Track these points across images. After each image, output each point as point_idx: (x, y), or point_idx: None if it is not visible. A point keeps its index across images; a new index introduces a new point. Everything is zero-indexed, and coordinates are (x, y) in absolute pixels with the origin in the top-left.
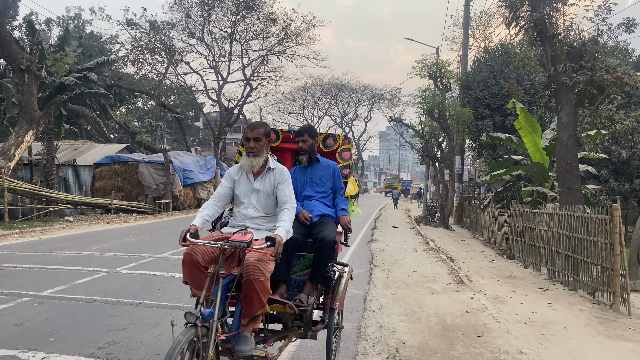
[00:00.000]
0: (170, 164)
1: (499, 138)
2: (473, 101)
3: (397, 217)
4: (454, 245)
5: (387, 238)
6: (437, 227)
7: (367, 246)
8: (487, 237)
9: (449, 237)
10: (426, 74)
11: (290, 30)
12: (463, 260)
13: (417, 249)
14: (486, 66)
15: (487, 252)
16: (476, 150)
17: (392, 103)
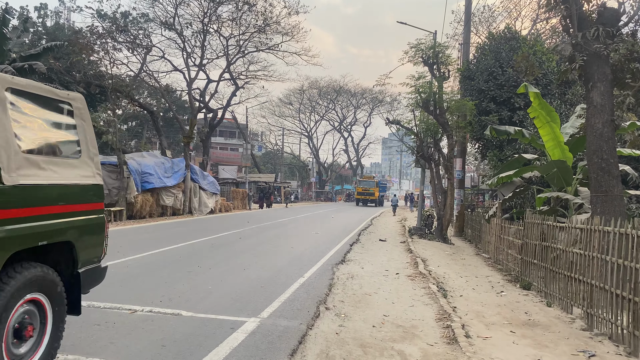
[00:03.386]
0: (125, 165)
1: (506, 132)
2: (476, 93)
3: (389, 227)
4: (450, 267)
5: (367, 257)
6: (434, 241)
7: (332, 271)
8: (493, 256)
9: (445, 255)
10: (420, 59)
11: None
12: (461, 292)
13: (401, 273)
14: (491, 53)
15: (494, 277)
16: (479, 150)
17: (392, 107)
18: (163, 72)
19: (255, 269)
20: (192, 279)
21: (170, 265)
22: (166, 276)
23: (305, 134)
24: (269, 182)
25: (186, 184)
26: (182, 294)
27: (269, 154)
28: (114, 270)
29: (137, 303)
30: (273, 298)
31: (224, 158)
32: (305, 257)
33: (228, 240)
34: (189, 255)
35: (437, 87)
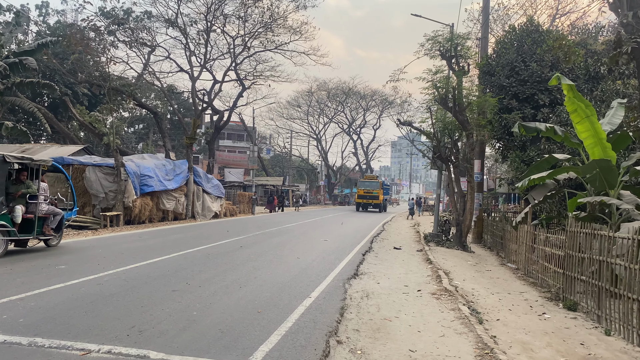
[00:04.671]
0: (122, 167)
1: (536, 129)
2: (496, 90)
3: (403, 233)
4: (477, 282)
5: (382, 269)
6: (452, 249)
7: (344, 287)
8: (522, 267)
9: (468, 265)
10: (437, 52)
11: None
12: (496, 313)
13: (423, 290)
14: (512, 47)
15: (529, 293)
16: (500, 151)
17: (402, 108)
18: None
19: (253, 286)
20: (176, 300)
21: (154, 281)
22: (145, 297)
23: (313, 137)
24: (277, 186)
25: (189, 187)
26: (157, 323)
27: (277, 157)
28: (84, 290)
29: (96, 339)
30: (271, 329)
31: (231, 161)
32: (312, 270)
33: (227, 249)
34: (179, 269)
35: (455, 82)
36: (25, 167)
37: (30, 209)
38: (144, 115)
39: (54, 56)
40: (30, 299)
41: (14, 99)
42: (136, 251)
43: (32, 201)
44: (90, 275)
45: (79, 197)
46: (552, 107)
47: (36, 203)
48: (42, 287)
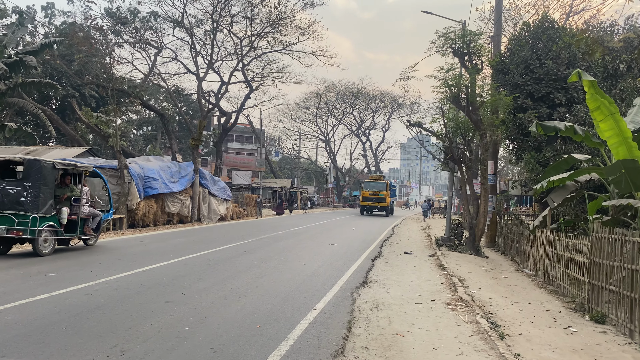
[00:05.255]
0: (126, 169)
1: (555, 128)
2: (510, 89)
3: (413, 236)
4: (494, 290)
5: (392, 275)
6: (465, 253)
7: (352, 297)
8: (541, 273)
9: (483, 272)
10: (449, 49)
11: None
12: (517, 326)
13: (437, 300)
14: (527, 44)
15: (551, 303)
16: (514, 152)
17: (411, 110)
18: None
19: (254, 296)
20: (168, 313)
21: (147, 291)
22: (134, 309)
23: (322, 139)
24: (285, 188)
25: (194, 190)
26: (143, 341)
27: (286, 159)
28: (70, 301)
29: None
30: (270, 348)
31: (239, 163)
32: (318, 278)
33: (230, 254)
34: (176, 277)
35: (468, 80)
36: (69, 172)
37: (73, 210)
38: (152, 118)
39: (61, 58)
40: (8, 311)
41: (17, 100)
42: (135, 257)
43: (75, 204)
44: (81, 283)
45: None
46: (568, 106)
47: (79, 205)
48: (25, 298)
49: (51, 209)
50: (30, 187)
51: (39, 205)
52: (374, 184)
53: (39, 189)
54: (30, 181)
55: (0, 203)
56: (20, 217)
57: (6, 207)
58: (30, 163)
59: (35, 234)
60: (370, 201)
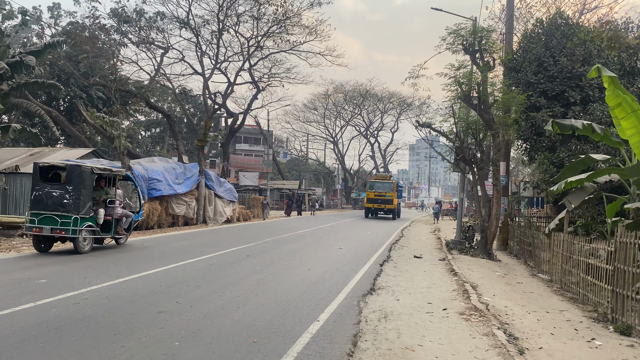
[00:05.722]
0: (130, 170)
1: (572, 127)
2: (523, 87)
3: (423, 239)
4: (509, 297)
5: (402, 281)
6: (477, 257)
7: (358, 307)
8: (557, 279)
9: (496, 277)
10: (460, 46)
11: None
12: (537, 339)
13: (449, 308)
14: (540, 41)
15: (571, 312)
16: (526, 152)
17: (420, 110)
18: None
19: (254, 305)
20: (159, 326)
21: (140, 299)
22: (123, 321)
23: (330, 140)
24: (293, 189)
25: (200, 191)
26: (126, 359)
27: (294, 161)
28: (55, 312)
29: None
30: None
31: (247, 164)
32: (323, 285)
33: (233, 258)
34: (173, 283)
35: (480, 78)
36: (104, 176)
37: (108, 211)
38: (160, 119)
39: (68, 59)
40: None
41: (20, 101)
42: (132, 261)
43: (110, 205)
44: (70, 291)
45: None
46: (583, 105)
47: (113, 207)
48: (7, 308)
49: (90, 210)
50: (72, 190)
51: (80, 206)
52: (380, 184)
53: (79, 191)
54: (72, 185)
55: (45, 205)
56: (63, 217)
57: (50, 209)
58: (72, 168)
59: (77, 234)
60: (376, 203)
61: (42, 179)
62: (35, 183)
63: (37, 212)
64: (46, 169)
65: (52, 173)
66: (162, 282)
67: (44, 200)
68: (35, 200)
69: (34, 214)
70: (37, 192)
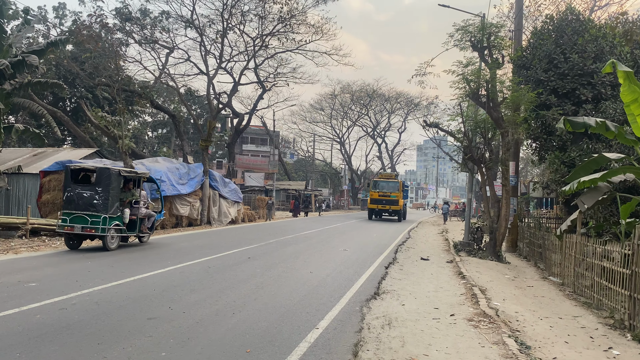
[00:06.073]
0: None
1: (585, 124)
2: (532, 85)
3: (430, 241)
4: (520, 302)
5: (408, 285)
6: (486, 259)
7: (361, 312)
8: (570, 282)
9: (506, 280)
10: (468, 43)
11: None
12: (550, 349)
13: (457, 314)
14: (550, 38)
15: (585, 318)
16: (536, 152)
17: (428, 110)
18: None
19: (250, 311)
20: (147, 334)
21: (131, 305)
22: (110, 329)
23: (337, 140)
24: (299, 190)
25: (204, 192)
26: None
27: (301, 162)
28: (39, 318)
29: None
30: None
31: (253, 165)
32: (325, 289)
33: (233, 260)
34: (168, 287)
35: (489, 75)
36: (131, 178)
37: (133, 211)
38: (167, 120)
39: (73, 60)
40: None
41: (22, 101)
42: (129, 264)
43: (135, 205)
44: (59, 296)
45: None
46: (595, 103)
47: (138, 207)
48: None
49: (117, 210)
50: (101, 191)
51: (108, 207)
52: (385, 184)
53: (108, 192)
54: (101, 186)
55: (76, 205)
56: (92, 217)
57: (81, 209)
58: (101, 171)
59: (105, 232)
60: (380, 204)
61: (72, 180)
62: (66, 184)
63: (68, 212)
64: (77, 172)
65: (81, 175)
66: (157, 285)
67: (75, 201)
68: (67, 201)
69: (66, 213)
70: (68, 193)
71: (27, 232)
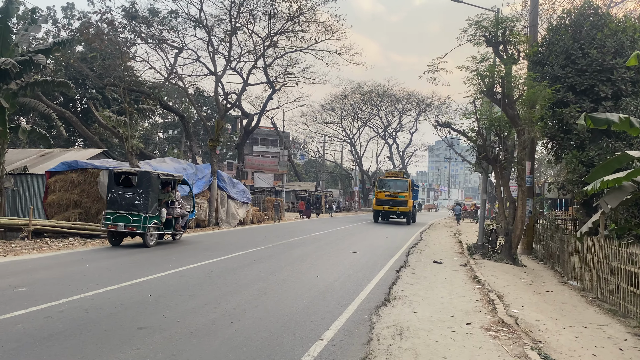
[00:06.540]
0: None
1: (607, 121)
2: (549, 82)
3: (443, 242)
4: (540, 309)
5: (420, 290)
6: (501, 262)
7: (370, 321)
8: (593, 288)
9: (523, 285)
10: (482, 38)
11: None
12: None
13: (474, 322)
14: (567, 33)
15: (612, 327)
16: (553, 151)
17: (440, 111)
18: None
19: (250, 320)
20: (134, 346)
21: (123, 312)
22: (94, 340)
23: (347, 141)
24: (310, 191)
25: (212, 193)
26: None
27: (311, 163)
28: (20, 327)
29: None
30: None
31: (262, 166)
32: (332, 295)
33: (237, 264)
34: (165, 293)
35: (504, 71)
36: (168, 181)
37: (169, 211)
38: (177, 121)
39: (83, 61)
40: None
41: (29, 101)
42: (128, 266)
43: (171, 206)
44: (48, 302)
45: (93, 203)
46: (615, 100)
47: (174, 207)
48: None
49: (156, 210)
50: (142, 192)
51: (148, 207)
52: (392, 183)
53: (148, 194)
54: (142, 188)
55: (119, 205)
56: (134, 216)
57: (124, 209)
58: (142, 174)
59: (145, 230)
60: (387, 205)
61: (115, 183)
62: (110, 186)
63: (112, 212)
64: (119, 175)
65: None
66: (154, 290)
67: (118, 202)
68: (110, 201)
69: (109, 212)
70: (112, 194)
71: (29, 233)
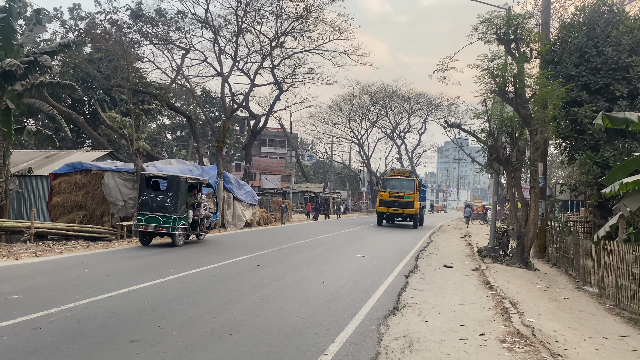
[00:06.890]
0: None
1: (626, 120)
2: (562, 81)
3: (453, 245)
4: (556, 317)
5: (430, 297)
6: (513, 266)
7: (378, 332)
8: (611, 295)
9: (538, 291)
10: (493, 36)
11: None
12: None
13: (487, 332)
14: (581, 30)
15: (633, 337)
16: (566, 152)
17: (449, 111)
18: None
19: (251, 331)
20: None
21: (115, 323)
22: (81, 355)
23: (355, 142)
24: (317, 192)
25: (218, 194)
26: None
27: (319, 164)
28: (4, 341)
29: None
30: None
31: (270, 167)
32: (338, 303)
33: (240, 269)
34: (163, 301)
35: (516, 70)
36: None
37: (195, 213)
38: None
39: (90, 62)
40: None
41: (34, 102)
42: (127, 272)
43: (197, 208)
44: (39, 311)
45: (98, 205)
46: (631, 100)
47: (199, 209)
48: None
49: (184, 212)
50: (172, 195)
51: (177, 209)
52: (397, 182)
53: (177, 197)
54: (171, 191)
55: (150, 207)
56: (164, 217)
57: (154, 210)
58: (172, 178)
59: (174, 230)
60: (392, 206)
61: (146, 186)
62: (141, 189)
63: (143, 213)
64: (149, 179)
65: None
66: (151, 299)
67: (149, 204)
68: (142, 204)
69: (141, 214)
70: (143, 197)
71: (31, 236)
